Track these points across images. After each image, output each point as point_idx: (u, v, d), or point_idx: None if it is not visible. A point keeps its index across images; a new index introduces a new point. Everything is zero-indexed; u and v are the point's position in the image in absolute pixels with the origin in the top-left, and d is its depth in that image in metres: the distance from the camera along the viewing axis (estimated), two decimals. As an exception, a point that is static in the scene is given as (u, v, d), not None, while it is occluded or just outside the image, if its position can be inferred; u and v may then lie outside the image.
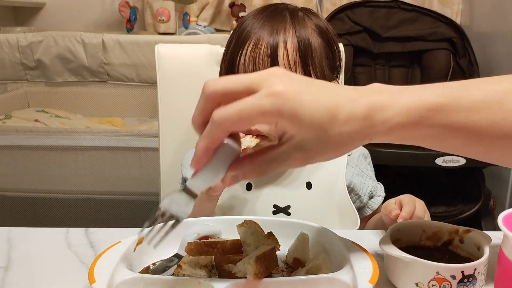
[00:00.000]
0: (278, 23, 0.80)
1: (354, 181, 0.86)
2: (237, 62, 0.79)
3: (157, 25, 2.58)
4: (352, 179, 0.86)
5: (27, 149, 1.72)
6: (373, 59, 1.99)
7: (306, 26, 0.81)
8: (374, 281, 0.54)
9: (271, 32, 0.78)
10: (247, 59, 0.78)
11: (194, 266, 0.63)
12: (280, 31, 0.79)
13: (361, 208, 0.88)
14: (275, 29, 0.79)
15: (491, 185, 1.76)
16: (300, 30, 0.80)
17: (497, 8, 1.99)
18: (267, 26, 0.79)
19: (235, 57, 0.79)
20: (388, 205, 0.75)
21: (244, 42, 0.79)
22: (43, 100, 2.07)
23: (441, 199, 1.67)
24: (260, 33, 0.78)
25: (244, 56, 0.78)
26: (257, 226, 0.66)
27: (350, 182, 0.86)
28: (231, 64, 0.80)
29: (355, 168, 0.88)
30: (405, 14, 1.96)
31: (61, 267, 0.65)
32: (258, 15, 0.83)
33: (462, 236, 0.63)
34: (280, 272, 0.65)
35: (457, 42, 1.89)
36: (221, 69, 0.85)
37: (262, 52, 0.77)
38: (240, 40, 0.80)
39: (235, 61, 0.79)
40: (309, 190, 0.83)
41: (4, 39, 1.69)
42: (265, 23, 0.80)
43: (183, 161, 0.92)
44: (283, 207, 0.82)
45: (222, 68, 0.84)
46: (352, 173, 0.87)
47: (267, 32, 0.78)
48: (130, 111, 2.09)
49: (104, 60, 1.70)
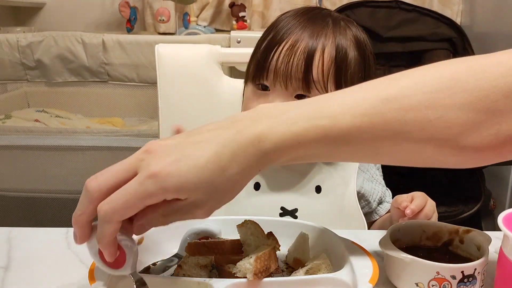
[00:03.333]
0: (320, 28, 0.78)
1: (364, 187, 0.85)
2: (270, 59, 0.76)
3: (157, 25, 2.58)
4: (363, 184, 0.85)
5: (27, 149, 1.72)
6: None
7: (346, 37, 0.79)
8: (374, 281, 0.54)
9: (311, 35, 0.76)
10: (281, 58, 0.75)
11: (194, 266, 0.63)
12: (321, 36, 0.76)
13: (369, 213, 0.87)
14: (315, 34, 0.77)
15: (491, 185, 1.75)
16: (340, 39, 0.78)
17: (497, 9, 1.99)
18: (309, 29, 0.77)
19: (269, 53, 0.77)
20: (399, 197, 0.75)
21: (282, 40, 0.77)
22: (43, 100, 2.07)
23: (441, 199, 1.66)
24: (300, 35, 0.76)
25: (279, 53, 0.76)
26: (257, 226, 0.66)
27: (361, 188, 0.84)
28: (263, 59, 0.77)
29: (366, 173, 0.86)
30: (406, 14, 1.96)
31: (61, 267, 0.65)
32: (299, 16, 0.80)
33: (462, 236, 0.63)
34: (280, 272, 0.65)
35: (457, 42, 1.89)
36: (250, 63, 0.82)
37: (298, 54, 0.75)
38: (277, 37, 0.77)
39: (268, 57, 0.77)
40: (318, 194, 0.82)
41: (4, 39, 1.69)
42: (306, 25, 0.78)
43: None
44: (291, 210, 0.81)
45: (252, 63, 0.81)
46: (363, 179, 0.85)
47: (307, 35, 0.76)
48: (130, 111, 2.09)
49: (104, 60, 1.70)
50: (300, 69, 0.74)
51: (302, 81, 0.75)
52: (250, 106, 0.79)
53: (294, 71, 0.75)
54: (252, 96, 0.80)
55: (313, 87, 0.75)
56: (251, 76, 0.80)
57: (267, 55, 0.77)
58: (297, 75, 0.75)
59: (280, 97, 0.76)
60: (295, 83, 0.75)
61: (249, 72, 0.82)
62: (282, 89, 0.76)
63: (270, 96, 0.77)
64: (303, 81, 0.75)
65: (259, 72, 0.77)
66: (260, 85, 0.78)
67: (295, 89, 0.76)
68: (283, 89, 0.76)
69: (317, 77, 0.75)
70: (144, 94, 1.83)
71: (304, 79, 0.75)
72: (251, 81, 0.80)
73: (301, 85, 0.75)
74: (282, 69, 0.75)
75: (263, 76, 0.77)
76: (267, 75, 0.77)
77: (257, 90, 0.79)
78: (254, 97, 0.79)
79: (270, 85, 0.77)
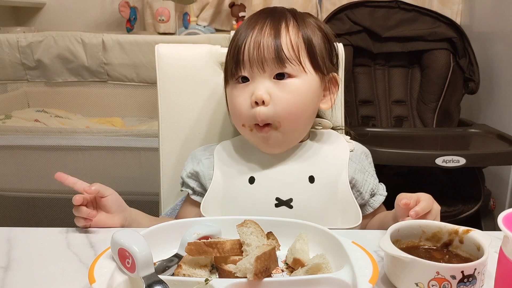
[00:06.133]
0: (280, 15, 0.84)
1: (356, 177, 0.86)
2: (242, 51, 0.81)
3: (157, 25, 2.58)
4: (354, 175, 0.86)
5: (27, 149, 1.72)
6: (373, 59, 1.99)
7: (305, 19, 0.85)
8: (374, 281, 0.54)
9: (273, 21, 0.82)
10: (252, 45, 0.80)
11: (194, 266, 0.63)
12: (282, 19, 0.82)
13: (363, 205, 0.88)
14: (277, 19, 0.82)
15: (491, 185, 1.76)
16: (300, 21, 0.84)
17: (497, 8, 1.99)
18: (270, 18, 0.83)
19: (240, 48, 0.81)
20: (402, 195, 0.75)
21: (248, 34, 0.81)
22: (43, 100, 2.07)
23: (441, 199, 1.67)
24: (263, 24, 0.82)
25: (248, 44, 0.80)
26: (257, 226, 0.67)
27: (352, 178, 0.86)
28: (236, 54, 0.82)
29: (357, 164, 0.88)
30: (405, 14, 1.96)
31: (61, 267, 0.65)
32: (258, 14, 0.86)
33: (462, 237, 0.63)
34: (280, 272, 0.65)
35: (457, 42, 1.89)
36: (227, 67, 0.86)
37: (266, 36, 0.80)
38: (243, 34, 0.82)
39: (240, 51, 0.81)
40: (311, 184, 0.83)
41: (4, 39, 1.69)
42: (267, 16, 0.83)
43: (186, 162, 0.92)
44: (285, 200, 0.82)
45: (228, 64, 0.85)
46: (355, 169, 0.87)
47: (270, 21, 0.82)
48: (130, 111, 2.09)
49: (104, 60, 1.70)
50: (272, 48, 0.79)
51: (276, 60, 0.79)
52: (236, 101, 0.82)
53: (267, 52, 0.79)
54: (234, 92, 0.83)
55: (288, 62, 0.79)
56: (229, 75, 0.84)
57: (238, 49, 0.81)
58: (270, 55, 0.79)
59: (260, 83, 0.80)
60: (270, 63, 0.79)
61: (225, 74, 0.87)
62: (261, 73, 0.80)
63: (252, 85, 0.81)
64: (276, 59, 0.79)
65: (235, 66, 0.82)
66: (240, 78, 0.82)
67: (272, 69, 0.80)
68: (261, 73, 0.80)
69: (288, 52, 0.79)
70: (144, 94, 1.83)
71: (277, 57, 0.79)
72: (230, 79, 0.84)
73: (276, 63, 0.79)
74: (255, 54, 0.79)
75: (239, 68, 0.81)
76: (243, 66, 0.81)
77: (238, 85, 0.83)
78: (237, 92, 0.83)
79: (249, 73, 0.81)
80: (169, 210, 1.00)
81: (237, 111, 0.82)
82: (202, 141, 1.00)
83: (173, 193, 1.02)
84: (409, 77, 2.01)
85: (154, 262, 0.63)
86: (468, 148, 1.65)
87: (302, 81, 0.81)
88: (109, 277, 0.56)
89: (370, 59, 1.98)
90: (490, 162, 1.57)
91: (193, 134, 1.01)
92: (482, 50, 1.99)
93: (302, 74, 0.81)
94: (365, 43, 1.92)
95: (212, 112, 1.01)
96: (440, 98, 1.91)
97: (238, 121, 0.84)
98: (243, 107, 0.81)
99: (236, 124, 0.86)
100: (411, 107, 1.97)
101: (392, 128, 1.89)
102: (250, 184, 0.84)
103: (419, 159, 1.46)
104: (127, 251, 0.57)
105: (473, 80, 1.86)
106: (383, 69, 2.01)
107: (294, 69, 0.80)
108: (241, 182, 0.84)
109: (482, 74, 1.87)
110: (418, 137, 1.77)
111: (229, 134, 0.99)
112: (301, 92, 0.80)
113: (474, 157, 1.47)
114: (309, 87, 0.82)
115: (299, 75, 0.80)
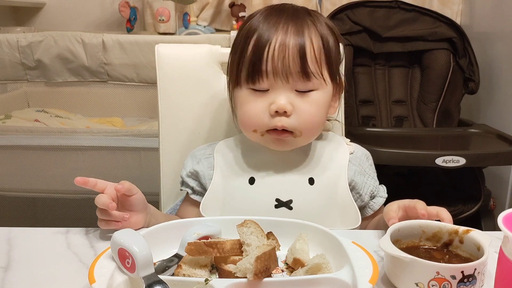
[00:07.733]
0: (301, 21, 0.80)
1: (355, 180, 0.86)
2: (265, 60, 0.77)
3: (157, 25, 2.58)
4: (354, 177, 0.86)
5: (27, 149, 1.72)
6: (373, 59, 1.99)
7: (323, 24, 0.83)
8: (374, 281, 0.54)
9: (296, 30, 0.79)
10: (276, 57, 0.77)
11: (194, 266, 0.63)
12: (305, 29, 0.79)
13: (362, 208, 0.88)
14: (300, 28, 0.79)
15: (491, 185, 1.76)
16: (321, 29, 0.81)
17: (497, 8, 1.99)
18: (292, 25, 0.79)
19: (261, 56, 0.77)
20: (389, 212, 0.75)
21: (269, 41, 0.78)
22: (43, 100, 2.07)
23: (441, 199, 1.67)
24: (286, 31, 0.78)
25: (272, 53, 0.77)
26: (257, 226, 0.67)
27: (352, 180, 0.86)
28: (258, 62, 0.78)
29: (357, 167, 0.88)
30: (405, 14, 1.96)
31: (61, 267, 0.65)
32: (274, 15, 0.81)
33: (462, 237, 0.63)
34: (280, 272, 0.65)
35: (457, 42, 1.89)
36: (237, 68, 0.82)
37: (291, 49, 0.77)
38: (263, 39, 0.78)
39: (261, 59, 0.77)
40: (311, 185, 0.83)
41: (4, 39, 1.68)
42: (287, 21, 0.80)
43: (186, 161, 0.92)
44: (285, 201, 0.82)
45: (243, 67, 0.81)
46: (354, 171, 0.87)
47: (293, 30, 0.79)
48: (130, 111, 2.09)
49: (104, 60, 1.70)
50: (297, 63, 0.77)
51: (301, 74, 0.78)
52: (251, 108, 0.80)
53: (292, 66, 0.77)
54: (248, 98, 0.81)
55: (312, 76, 0.79)
56: (243, 80, 0.81)
57: (259, 57, 0.78)
58: (295, 69, 0.78)
59: (282, 93, 0.78)
60: (295, 76, 0.78)
61: (237, 76, 0.82)
62: (284, 85, 0.78)
63: (271, 94, 0.79)
64: (302, 73, 0.78)
65: (255, 75, 0.79)
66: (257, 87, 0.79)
67: (295, 82, 0.79)
68: (284, 84, 0.78)
69: (313, 66, 0.79)
70: (144, 94, 1.83)
71: (302, 71, 0.78)
72: (245, 85, 0.81)
73: (301, 77, 0.78)
74: (280, 67, 0.77)
75: (260, 78, 0.78)
76: (265, 77, 0.78)
77: (255, 92, 0.80)
78: (252, 98, 0.80)
79: (270, 84, 0.79)
80: (169, 210, 1.00)
81: (251, 117, 0.80)
82: (202, 141, 1.00)
83: (173, 193, 1.02)
84: (409, 77, 2.01)
85: (154, 262, 0.63)
86: (468, 148, 1.65)
87: (322, 94, 0.81)
88: (109, 277, 0.56)
89: (370, 59, 1.98)
90: (490, 162, 1.57)
91: (193, 134, 1.01)
92: (482, 50, 1.99)
93: (323, 86, 0.80)
94: (365, 43, 1.92)
95: (212, 112, 1.01)
96: (440, 98, 1.91)
97: (248, 127, 0.82)
98: (259, 115, 0.79)
99: (245, 129, 0.84)
100: (411, 107, 1.97)
101: (392, 128, 1.89)
102: (250, 185, 0.84)
103: (419, 159, 1.46)
104: (127, 251, 0.57)
105: (473, 80, 1.86)
106: (383, 69, 2.01)
107: (316, 83, 0.79)
108: (241, 182, 0.84)
109: (482, 74, 1.87)
110: (418, 137, 1.77)
111: (230, 134, 0.99)
112: (321, 104, 0.81)
113: (474, 157, 1.47)
114: (327, 98, 0.82)
115: (320, 87, 0.80)
